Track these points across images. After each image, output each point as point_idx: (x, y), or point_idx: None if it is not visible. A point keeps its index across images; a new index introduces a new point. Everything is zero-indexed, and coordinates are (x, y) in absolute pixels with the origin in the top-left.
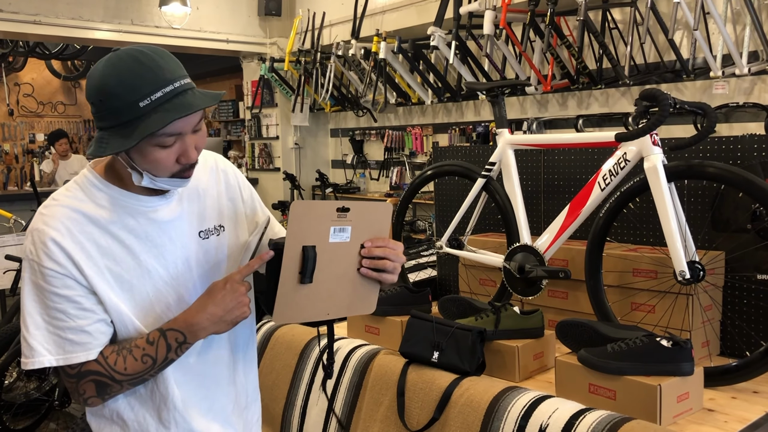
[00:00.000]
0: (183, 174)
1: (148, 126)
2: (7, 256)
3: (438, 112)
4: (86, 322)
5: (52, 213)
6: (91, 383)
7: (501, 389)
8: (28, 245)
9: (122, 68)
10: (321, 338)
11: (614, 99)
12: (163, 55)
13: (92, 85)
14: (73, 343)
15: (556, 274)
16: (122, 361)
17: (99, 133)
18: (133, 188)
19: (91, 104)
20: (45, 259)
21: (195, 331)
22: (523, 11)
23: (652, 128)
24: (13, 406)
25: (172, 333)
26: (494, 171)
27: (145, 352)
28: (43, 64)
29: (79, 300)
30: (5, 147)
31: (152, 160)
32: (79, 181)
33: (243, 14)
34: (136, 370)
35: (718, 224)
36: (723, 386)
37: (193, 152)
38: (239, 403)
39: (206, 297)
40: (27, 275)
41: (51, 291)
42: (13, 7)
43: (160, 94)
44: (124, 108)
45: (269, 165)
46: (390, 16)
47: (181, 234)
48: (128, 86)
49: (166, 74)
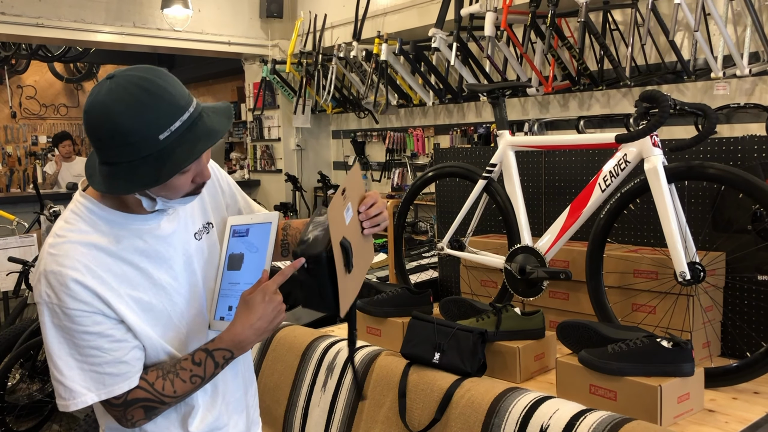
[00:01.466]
0: (195, 191)
1: (179, 161)
2: (10, 258)
3: (439, 114)
4: (122, 353)
5: (64, 252)
6: (140, 409)
7: (502, 390)
8: (44, 289)
9: (132, 102)
10: (323, 339)
11: (615, 100)
12: (167, 79)
13: (98, 121)
14: (113, 376)
15: (557, 275)
16: (170, 385)
17: (108, 168)
18: (133, 209)
19: (96, 138)
20: (69, 300)
21: (243, 347)
22: (524, 13)
23: (652, 129)
24: (16, 407)
25: (219, 352)
26: (495, 172)
27: (194, 373)
28: (46, 67)
29: (111, 333)
30: (8, 149)
31: (172, 187)
32: (78, 211)
33: (245, 16)
34: (186, 390)
35: (719, 225)
36: (724, 387)
37: (208, 171)
38: (246, 390)
39: (247, 312)
40: (47, 319)
41: (81, 331)
42: (16, 10)
43: (179, 123)
44: (141, 144)
45: (271, 167)
46: (391, 17)
47: (182, 242)
48: (144, 121)
49: (179, 101)
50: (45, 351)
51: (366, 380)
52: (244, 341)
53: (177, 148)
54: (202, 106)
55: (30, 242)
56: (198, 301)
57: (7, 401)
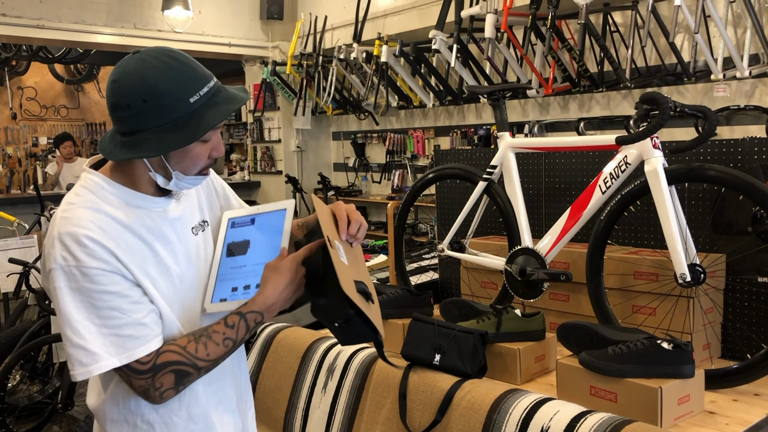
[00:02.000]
0: (204, 171)
1: (211, 119)
2: (10, 260)
3: (439, 115)
4: (141, 314)
5: (77, 215)
6: (171, 374)
7: (502, 392)
8: (59, 252)
9: (164, 68)
10: (323, 341)
11: (615, 102)
12: (188, 55)
13: (131, 87)
14: (133, 338)
15: (557, 277)
16: (203, 348)
17: (132, 137)
18: (142, 189)
19: (124, 107)
20: (87, 259)
21: (272, 311)
22: (525, 15)
23: (652, 131)
24: (16, 408)
25: (252, 315)
26: (495, 174)
27: (227, 336)
28: (46, 68)
29: (129, 294)
30: (8, 150)
31: (194, 155)
32: (88, 186)
33: (245, 18)
34: (219, 353)
35: (719, 227)
36: (724, 389)
37: (222, 145)
38: (239, 391)
39: (277, 277)
40: (62, 284)
41: (100, 290)
42: (17, 11)
43: (207, 89)
44: (174, 105)
45: (271, 168)
46: (392, 19)
47: (184, 231)
48: (176, 84)
49: (204, 71)
50: (59, 320)
51: (366, 382)
52: (275, 304)
53: (207, 110)
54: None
55: (30, 243)
56: (193, 291)
57: (7, 402)
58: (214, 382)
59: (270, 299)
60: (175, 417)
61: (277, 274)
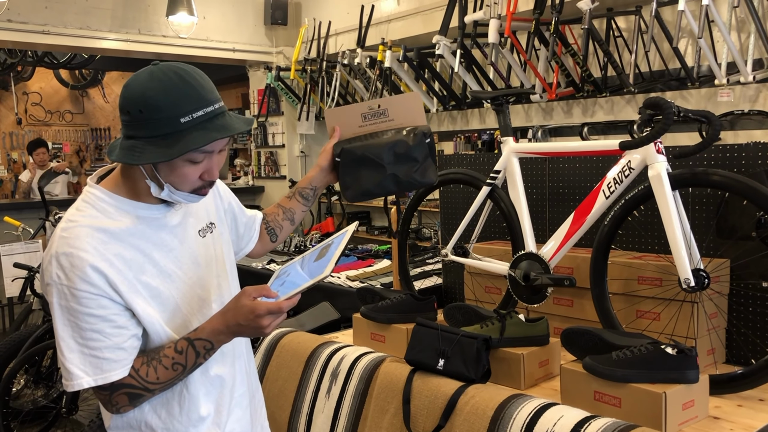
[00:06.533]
0: (201, 191)
1: (191, 142)
2: (15, 264)
3: (443, 120)
4: (122, 339)
5: (75, 235)
6: (125, 395)
7: (506, 397)
8: (55, 270)
9: (167, 83)
10: (327, 345)
11: (619, 107)
12: (203, 76)
13: (133, 96)
14: (111, 362)
15: (561, 282)
16: (153, 372)
17: (129, 142)
18: (143, 198)
19: (125, 113)
20: (78, 281)
21: (221, 340)
22: (528, 20)
23: (655, 136)
24: (20, 413)
25: (200, 342)
26: (499, 179)
27: (175, 361)
28: (51, 74)
29: (114, 318)
30: (13, 155)
31: (180, 174)
32: (88, 199)
33: (249, 23)
34: (168, 377)
35: (723, 232)
36: (728, 394)
37: (216, 171)
38: (251, 391)
39: (233, 312)
40: (55, 300)
41: (86, 313)
42: (22, 17)
43: (201, 113)
44: (164, 121)
45: (275, 173)
46: (395, 24)
47: (188, 236)
48: (172, 102)
49: (208, 95)
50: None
51: (370, 387)
52: (223, 337)
53: (194, 132)
54: (226, 109)
55: (35, 248)
56: (204, 292)
57: (12, 407)
58: (215, 388)
59: (218, 330)
60: (176, 422)
61: (234, 310)
